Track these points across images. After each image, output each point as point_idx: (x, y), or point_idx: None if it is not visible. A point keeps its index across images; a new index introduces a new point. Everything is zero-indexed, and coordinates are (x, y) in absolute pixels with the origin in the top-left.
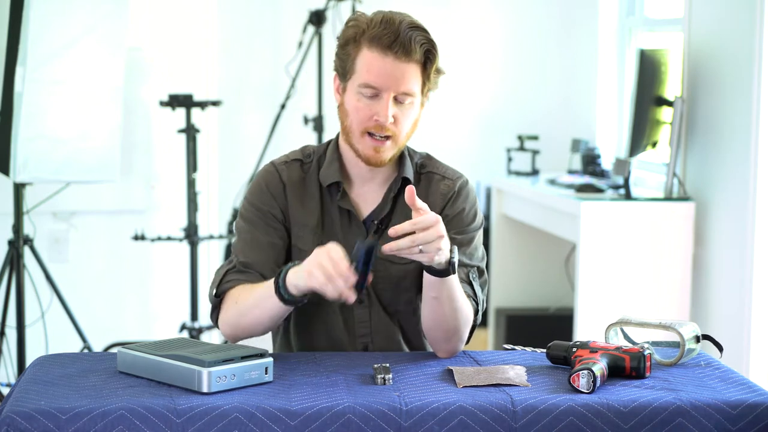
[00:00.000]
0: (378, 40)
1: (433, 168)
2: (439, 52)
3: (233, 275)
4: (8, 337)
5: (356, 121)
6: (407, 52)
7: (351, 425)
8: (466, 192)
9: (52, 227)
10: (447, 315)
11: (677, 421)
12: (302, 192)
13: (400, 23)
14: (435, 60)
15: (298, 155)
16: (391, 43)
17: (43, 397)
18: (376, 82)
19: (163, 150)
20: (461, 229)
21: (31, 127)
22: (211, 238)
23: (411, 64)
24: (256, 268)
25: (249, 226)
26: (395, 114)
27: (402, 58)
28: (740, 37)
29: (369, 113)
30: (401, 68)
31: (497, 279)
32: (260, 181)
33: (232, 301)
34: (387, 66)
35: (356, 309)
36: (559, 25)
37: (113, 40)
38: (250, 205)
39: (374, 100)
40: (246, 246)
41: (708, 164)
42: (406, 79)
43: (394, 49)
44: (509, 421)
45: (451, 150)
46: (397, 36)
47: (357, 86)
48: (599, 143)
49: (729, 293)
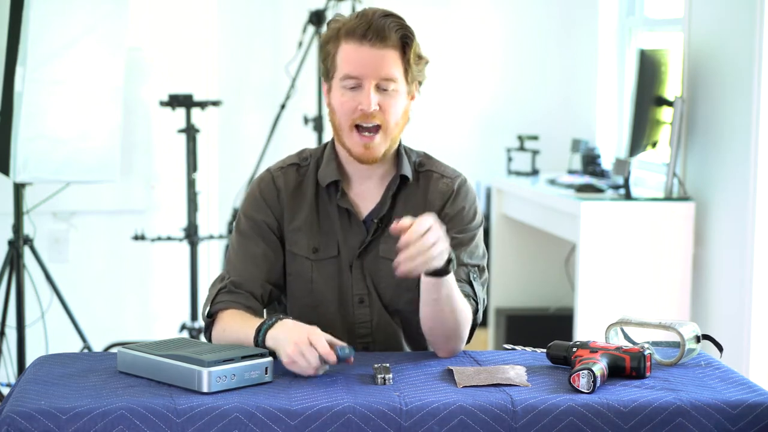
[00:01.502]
0: (353, 32)
1: (431, 167)
2: (416, 37)
3: (225, 296)
4: (8, 337)
5: (343, 116)
6: (382, 38)
7: (351, 425)
8: (465, 190)
9: (52, 227)
10: (446, 316)
11: (677, 421)
12: (298, 197)
13: (374, 13)
14: (412, 44)
15: (295, 159)
16: (365, 32)
17: (43, 397)
18: (355, 71)
19: (163, 150)
20: (461, 228)
21: (31, 127)
22: (211, 238)
23: (388, 50)
24: (247, 287)
25: (242, 238)
26: (380, 102)
27: (377, 45)
28: (740, 37)
29: (353, 104)
30: (378, 54)
31: (497, 279)
32: (254, 190)
33: (221, 328)
34: (364, 54)
35: (357, 309)
36: (559, 25)
37: (113, 40)
38: (244, 215)
39: (357, 91)
40: (238, 261)
41: (708, 164)
42: (385, 65)
43: (369, 37)
44: (509, 421)
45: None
46: (371, 24)
47: (339, 81)
48: (599, 143)
49: (729, 293)
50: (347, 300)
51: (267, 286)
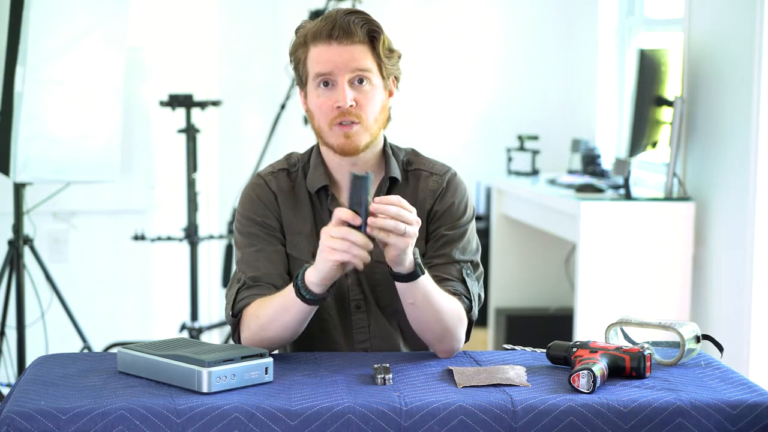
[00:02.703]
0: (319, 34)
1: (419, 165)
2: (383, 31)
3: (245, 292)
4: (8, 337)
5: (321, 117)
6: (348, 34)
7: (351, 425)
8: (454, 185)
9: (52, 227)
10: (428, 318)
11: (677, 421)
12: (293, 200)
13: (338, 12)
14: (380, 38)
15: (284, 164)
16: (330, 31)
17: (43, 397)
18: (326, 68)
19: (163, 150)
20: (452, 224)
21: (31, 127)
22: (211, 238)
23: (356, 45)
24: (267, 280)
25: (250, 240)
26: (356, 98)
27: (345, 41)
28: (740, 37)
29: (329, 103)
30: (347, 50)
31: (497, 279)
32: (250, 194)
33: (252, 316)
34: (332, 52)
35: (354, 315)
36: (559, 25)
37: (113, 40)
38: (246, 219)
39: (332, 90)
40: (251, 259)
41: (708, 164)
42: (355, 59)
43: (335, 35)
44: (509, 421)
45: (451, 150)
46: (335, 23)
47: (312, 82)
48: (599, 143)
49: (729, 293)
50: (345, 305)
51: (286, 277)
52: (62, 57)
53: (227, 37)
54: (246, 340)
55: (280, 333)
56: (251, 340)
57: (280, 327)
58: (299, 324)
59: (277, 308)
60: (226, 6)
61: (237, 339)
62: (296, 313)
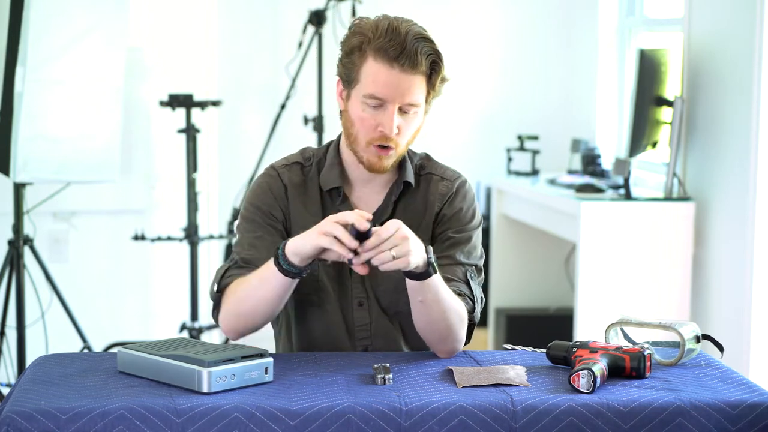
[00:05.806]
0: (384, 52)
1: (432, 169)
2: (444, 61)
3: (234, 270)
4: (8, 337)
5: (362, 132)
6: (413, 65)
7: (351, 425)
8: (464, 192)
9: (52, 227)
10: (436, 317)
11: (677, 421)
12: (304, 195)
13: (407, 34)
14: (440, 71)
15: (298, 158)
16: (397, 56)
17: (43, 397)
18: (382, 93)
19: (163, 150)
20: (459, 228)
21: (31, 127)
22: (211, 238)
23: (417, 75)
24: (258, 264)
25: (251, 225)
26: (399, 125)
27: (408, 71)
28: (740, 37)
29: (374, 123)
30: (407, 80)
31: (497, 279)
32: (262, 183)
33: (232, 292)
34: (393, 78)
35: (356, 311)
36: (559, 25)
37: (113, 40)
38: (252, 205)
39: (379, 111)
40: (249, 244)
41: (708, 164)
42: (412, 91)
43: (401, 61)
44: (509, 421)
45: (451, 150)
46: (404, 48)
47: (362, 96)
48: (599, 143)
49: (729, 293)
50: (347, 302)
51: None
52: (62, 57)
53: (227, 37)
54: (223, 315)
55: (254, 306)
56: (227, 315)
57: (255, 301)
58: (275, 300)
59: (255, 282)
60: (226, 6)
61: (216, 316)
62: (273, 287)
